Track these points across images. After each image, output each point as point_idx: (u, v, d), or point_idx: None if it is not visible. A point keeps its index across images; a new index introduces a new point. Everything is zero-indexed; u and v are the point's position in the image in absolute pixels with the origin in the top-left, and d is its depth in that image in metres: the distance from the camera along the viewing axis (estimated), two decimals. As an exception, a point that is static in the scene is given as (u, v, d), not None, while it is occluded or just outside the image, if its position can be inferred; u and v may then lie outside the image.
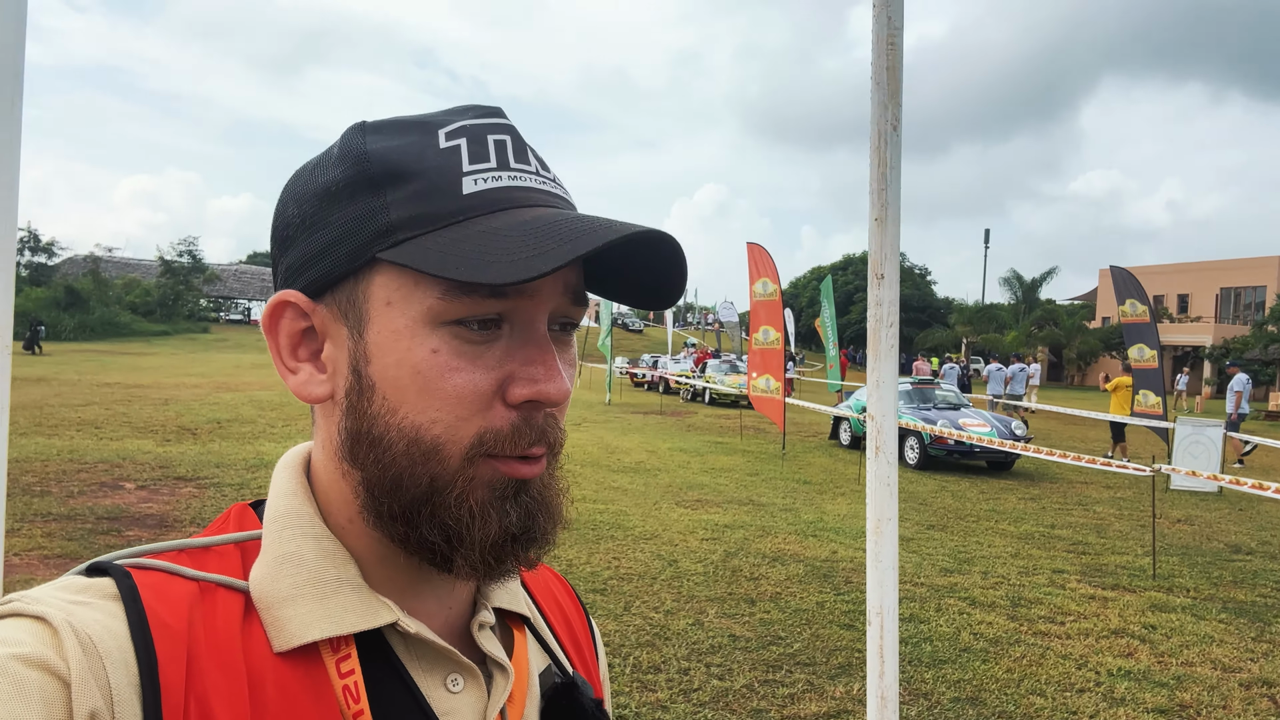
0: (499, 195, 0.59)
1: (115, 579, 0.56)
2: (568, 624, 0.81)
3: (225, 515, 0.67)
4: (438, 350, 0.58)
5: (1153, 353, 14.74)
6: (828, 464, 13.81)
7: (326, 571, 0.61)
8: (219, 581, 0.60)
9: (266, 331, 0.64)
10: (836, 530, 8.75)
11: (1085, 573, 7.56)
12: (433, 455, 0.59)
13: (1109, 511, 10.74)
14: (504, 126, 0.63)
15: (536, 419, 0.60)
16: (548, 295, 0.60)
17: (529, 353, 0.59)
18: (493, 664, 0.66)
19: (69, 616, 0.52)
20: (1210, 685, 5.01)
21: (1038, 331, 48.86)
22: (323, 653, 0.59)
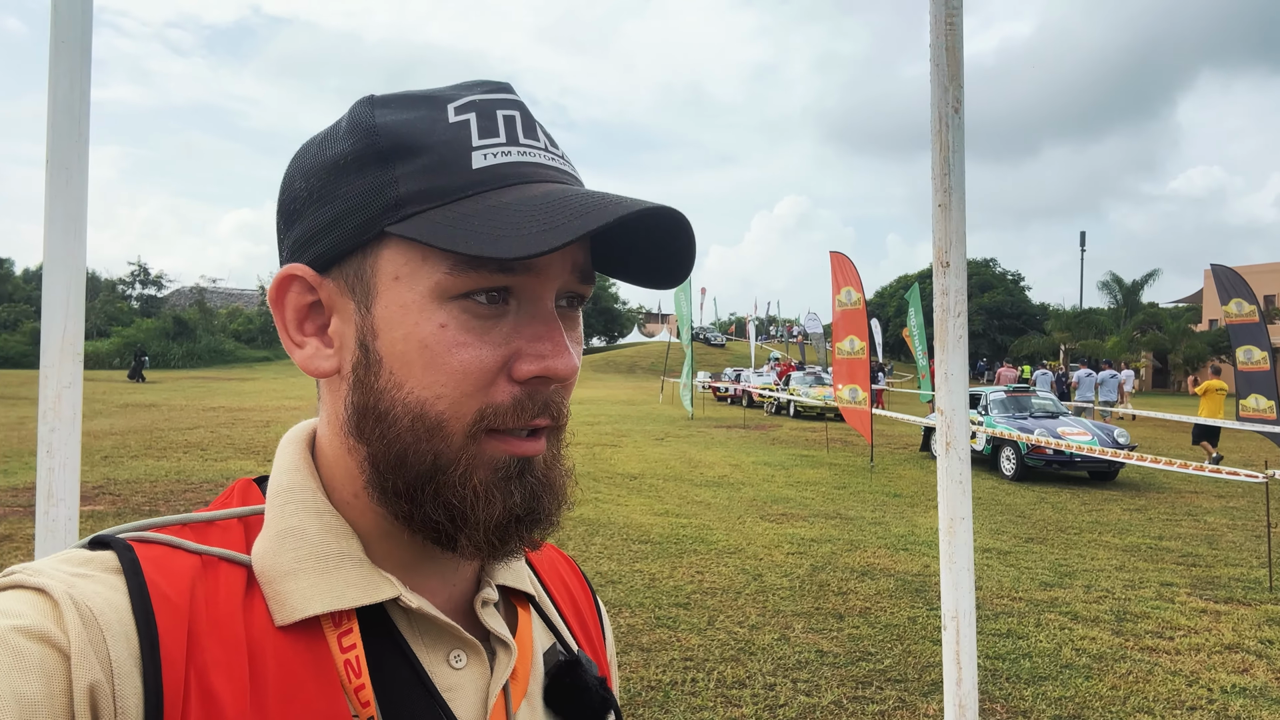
0: (508, 170, 0.59)
1: (117, 552, 0.57)
2: (574, 604, 0.81)
3: (229, 490, 0.67)
4: (445, 325, 0.58)
5: (1263, 354, 13.97)
6: (918, 476, 13.44)
7: (329, 546, 0.61)
8: (221, 555, 0.60)
9: (273, 304, 0.64)
10: (929, 544, 8.49)
11: (1196, 585, 7.15)
12: (437, 431, 0.59)
13: (1221, 521, 10.16)
14: (513, 102, 0.63)
15: (542, 393, 0.60)
16: (556, 271, 0.60)
17: (536, 329, 0.59)
18: (496, 641, 0.66)
19: (70, 589, 0.52)
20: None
21: (1140, 336, 46.84)
22: (324, 627, 0.59)
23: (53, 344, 1.22)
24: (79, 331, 1.23)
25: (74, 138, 1.22)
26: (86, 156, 1.24)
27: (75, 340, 1.23)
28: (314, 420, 0.68)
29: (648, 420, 21.85)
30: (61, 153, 1.22)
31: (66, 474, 1.21)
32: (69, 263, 1.22)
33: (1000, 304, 61.66)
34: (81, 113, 1.23)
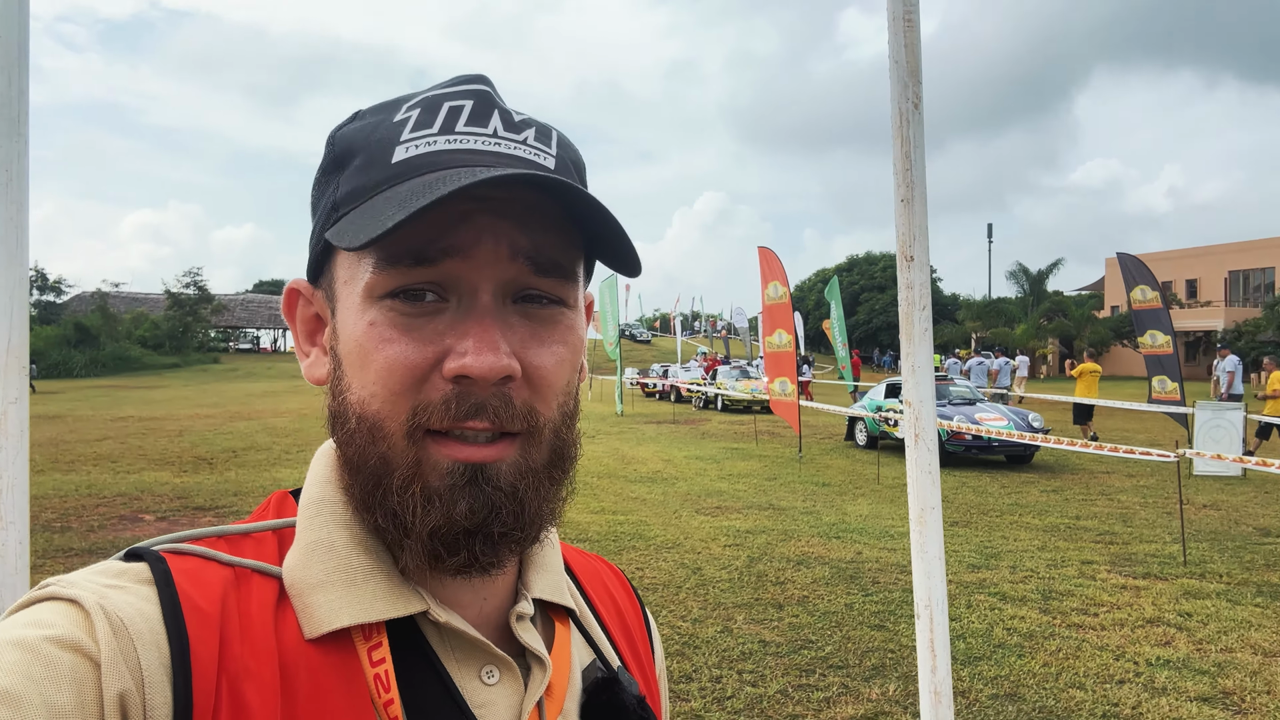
0: (424, 160, 0.58)
1: (150, 564, 0.57)
2: (620, 618, 0.78)
3: (266, 503, 0.67)
4: (374, 323, 0.58)
5: (1166, 338, 14.65)
6: (845, 465, 13.71)
7: (357, 559, 0.61)
8: (253, 567, 0.60)
9: (286, 318, 0.67)
10: (860, 531, 8.66)
11: (1115, 562, 7.46)
12: (378, 432, 0.58)
13: (1133, 500, 10.62)
14: (469, 92, 0.61)
15: (475, 394, 0.56)
16: (485, 258, 0.57)
17: (466, 325, 0.57)
18: (531, 656, 0.64)
19: (101, 599, 0.52)
20: (1252, 671, 4.91)
21: (1047, 324, 48.68)
22: (355, 640, 0.58)
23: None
24: (24, 343, 1.15)
25: (13, 138, 1.14)
26: (27, 158, 1.16)
27: (20, 352, 1.15)
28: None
29: (576, 418, 21.76)
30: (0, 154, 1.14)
31: (16, 495, 1.14)
32: (10, 270, 1.14)
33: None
34: (20, 112, 1.15)
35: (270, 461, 13.32)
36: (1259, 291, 48.11)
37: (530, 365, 0.59)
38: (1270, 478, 11.99)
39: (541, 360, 0.59)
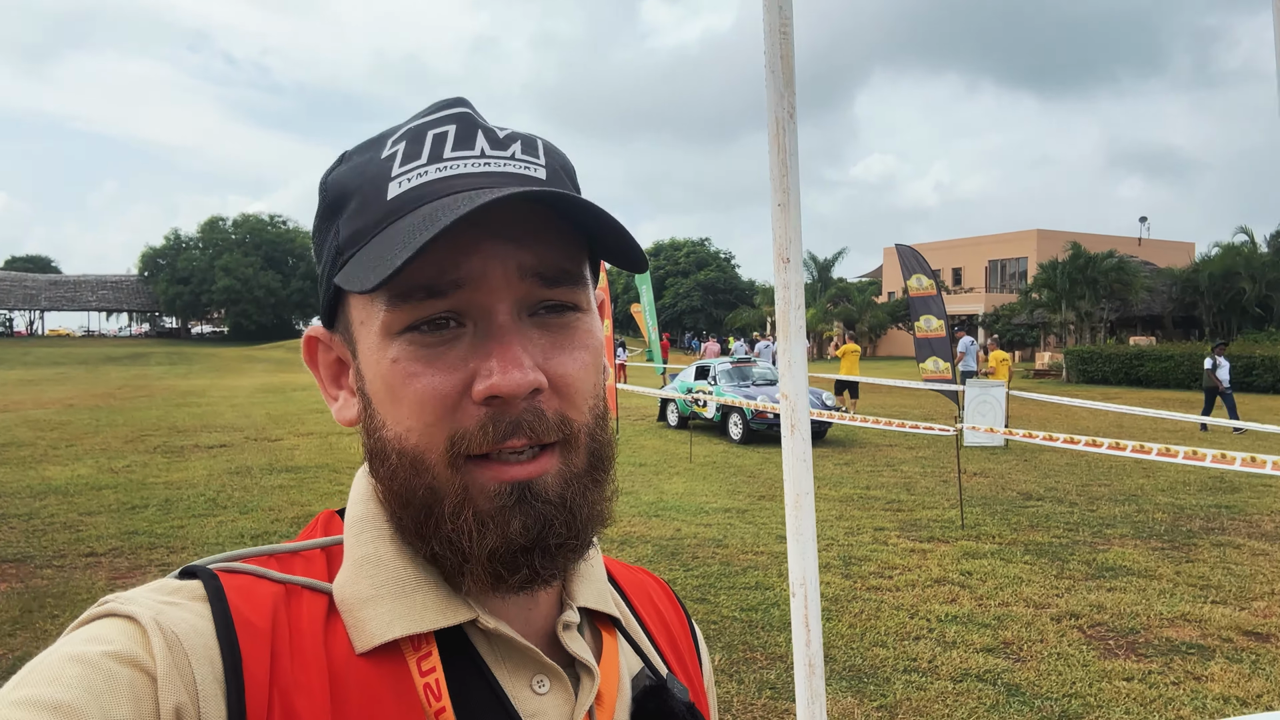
0: (420, 192, 0.58)
1: (203, 580, 0.59)
2: (666, 628, 0.79)
3: (314, 522, 0.70)
4: (397, 359, 0.58)
5: (940, 322, 16.00)
6: (660, 445, 14.11)
7: (404, 571, 0.62)
8: (303, 584, 0.61)
9: (308, 365, 0.69)
10: (677, 509, 8.97)
11: (903, 528, 8.15)
12: (420, 465, 0.59)
13: (915, 470, 11.61)
14: (451, 117, 0.62)
15: (508, 413, 0.57)
16: (496, 283, 0.58)
17: (488, 346, 0.58)
18: (580, 666, 0.65)
19: (157, 615, 0.54)
20: (1026, 622, 5.55)
21: (833, 308, 51.92)
22: (404, 651, 0.59)
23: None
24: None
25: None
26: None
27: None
28: None
29: (382, 404, 21.06)
30: None
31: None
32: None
33: (714, 280, 65.67)
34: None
35: (36, 459, 12.07)
36: (1014, 279, 53.54)
37: (556, 375, 0.60)
38: (1029, 447, 13.45)
39: (566, 368, 0.60)
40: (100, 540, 7.56)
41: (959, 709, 4.30)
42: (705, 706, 0.78)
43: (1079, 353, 32.13)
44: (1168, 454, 6.39)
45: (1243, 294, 36.90)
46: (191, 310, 67.52)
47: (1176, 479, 10.73)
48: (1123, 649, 5.12)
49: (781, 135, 1.63)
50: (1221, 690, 4.51)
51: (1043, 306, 40.81)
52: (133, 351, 48.68)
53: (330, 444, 13.96)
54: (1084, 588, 6.27)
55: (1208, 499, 9.50)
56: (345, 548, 0.64)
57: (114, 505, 9.05)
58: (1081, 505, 9.21)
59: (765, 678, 4.68)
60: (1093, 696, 4.45)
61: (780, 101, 1.62)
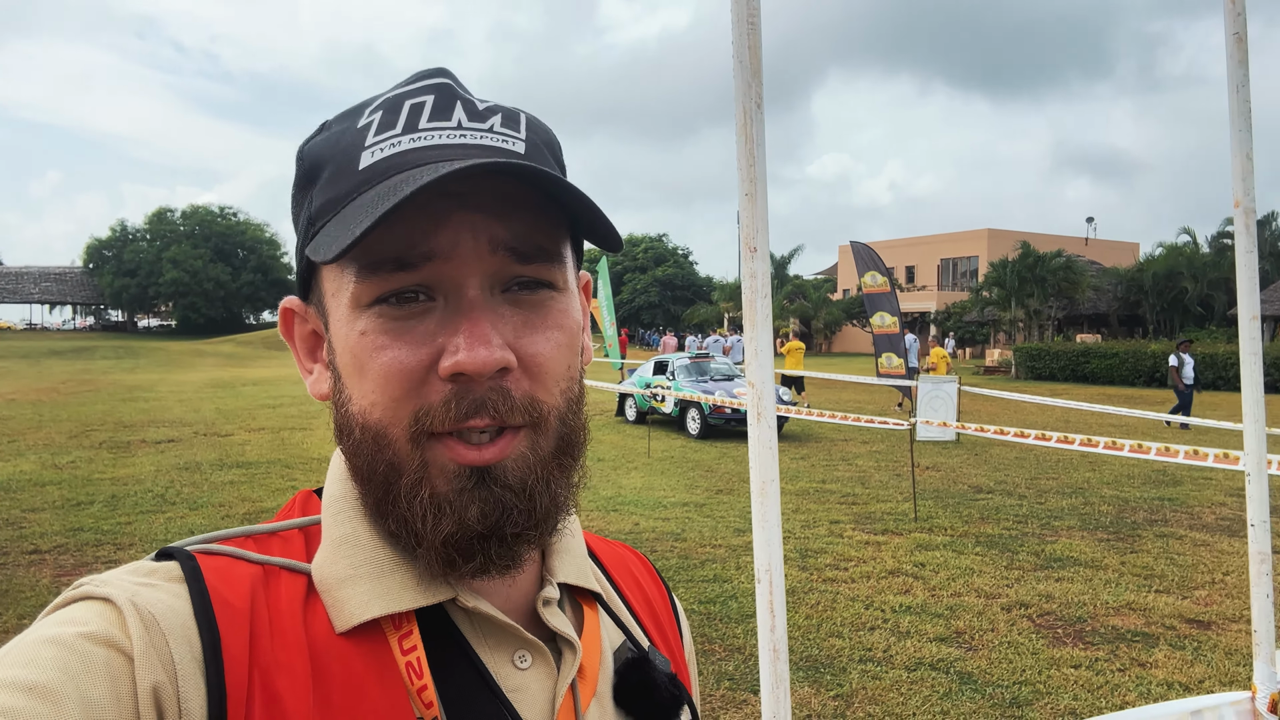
0: (391, 163, 0.57)
1: (180, 562, 0.58)
2: (647, 602, 0.79)
3: (291, 502, 0.68)
4: (365, 331, 0.58)
5: (893, 319, 16.25)
6: (617, 440, 14.11)
7: (383, 550, 0.61)
8: (282, 564, 0.61)
9: (285, 337, 0.68)
10: (635, 503, 8.98)
11: (858, 521, 8.26)
12: (383, 439, 0.58)
13: (869, 465, 11.76)
14: (430, 87, 0.61)
15: (475, 390, 0.56)
16: (466, 256, 0.57)
17: (456, 322, 0.57)
18: (562, 640, 0.65)
19: (133, 596, 0.54)
20: (978, 612, 5.65)
21: (789, 305, 52.36)
22: (385, 630, 0.59)
23: None
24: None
25: None
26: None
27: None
28: None
29: (336, 399, 20.81)
30: None
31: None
32: None
33: (672, 276, 65.85)
34: None
35: (-24, 454, 11.71)
36: (964, 277, 54.44)
37: (526, 354, 0.58)
38: (979, 441, 13.69)
39: (537, 348, 0.59)
40: (44, 537, 7.37)
41: (913, 697, 4.37)
42: (686, 677, 0.78)
43: (1028, 350, 32.79)
44: (1114, 447, 6.56)
45: (1185, 293, 37.96)
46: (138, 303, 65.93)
47: (1121, 472, 11.01)
48: (1070, 637, 5.24)
49: (749, 125, 1.65)
50: (1165, 676, 4.65)
51: (993, 304, 41.57)
52: (77, 345, 47.41)
53: (283, 439, 13.76)
54: (1033, 578, 6.40)
55: (1151, 492, 9.76)
56: (323, 527, 0.63)
57: (58, 502, 8.83)
58: (1030, 498, 9.41)
59: (724, 669, 4.72)
60: (1042, 684, 4.55)
61: (748, 92, 1.64)
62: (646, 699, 0.67)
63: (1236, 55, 2.33)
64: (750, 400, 1.72)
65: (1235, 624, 5.46)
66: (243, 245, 66.60)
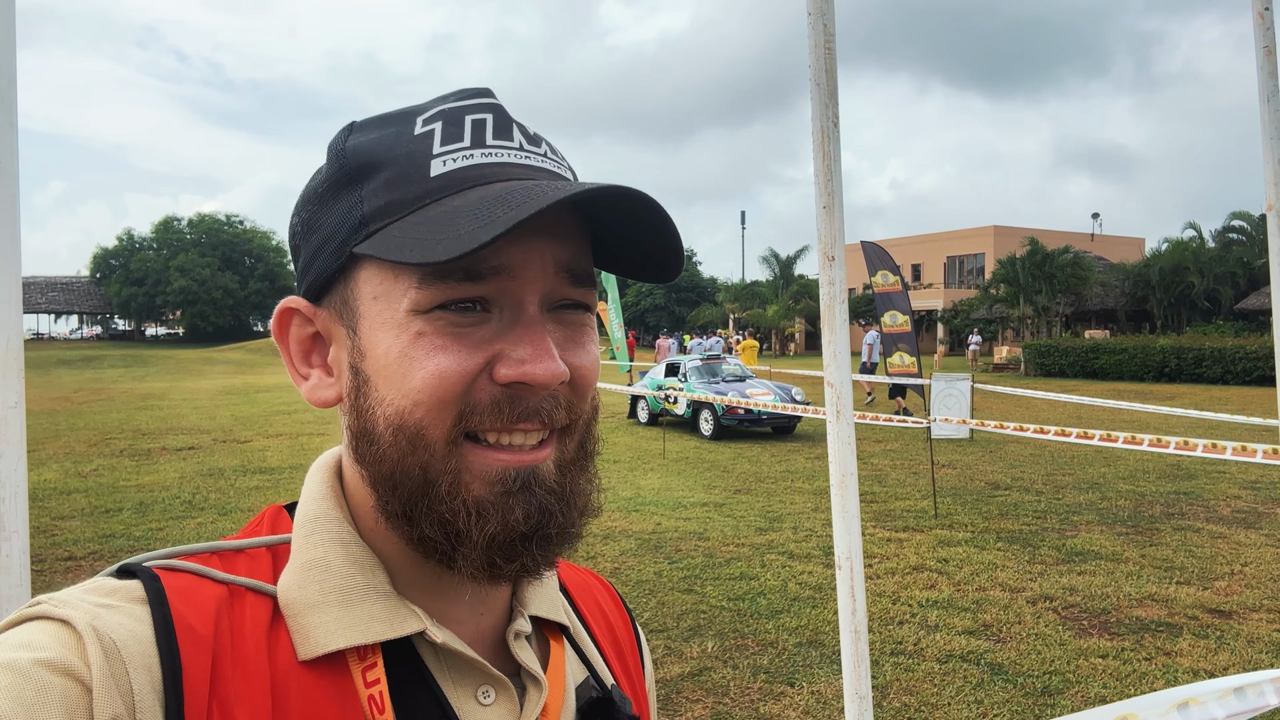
0: (468, 174, 0.58)
1: (143, 581, 0.56)
2: (611, 632, 0.79)
3: (260, 517, 0.67)
4: (423, 333, 0.57)
5: (905, 317, 16.31)
6: (631, 442, 14.22)
7: (353, 578, 0.60)
8: (248, 585, 0.59)
9: (277, 339, 0.65)
10: (655, 504, 9.09)
11: (878, 519, 8.35)
12: (418, 440, 0.57)
13: (885, 463, 11.85)
14: (487, 106, 0.62)
15: (525, 399, 0.57)
16: (533, 274, 0.58)
17: (518, 333, 0.57)
18: (526, 675, 0.64)
19: (93, 620, 0.52)
20: (1004, 605, 5.75)
21: (795, 305, 52.42)
22: (349, 661, 0.58)
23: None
24: (20, 345, 1.09)
25: (6, 130, 1.07)
26: (18, 152, 1.09)
27: (18, 355, 1.09)
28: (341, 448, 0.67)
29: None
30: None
31: (18, 503, 1.08)
32: (6, 269, 1.08)
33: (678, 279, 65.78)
34: (11, 103, 1.08)
35: None
36: (971, 275, 54.48)
37: (573, 367, 0.60)
38: (993, 438, 13.78)
39: (581, 361, 0.61)
40: (78, 544, 7.50)
41: (947, 688, 4.47)
42: (646, 712, 0.79)
43: (1037, 346, 32.83)
44: (1134, 442, 6.64)
45: (1191, 288, 37.96)
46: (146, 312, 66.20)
47: (1136, 467, 11.09)
48: (1096, 628, 5.34)
49: (826, 143, 1.76)
50: (1191, 664, 4.74)
51: (1001, 301, 41.59)
52: (86, 354, 47.66)
53: (301, 445, 13.88)
54: (1055, 572, 6.50)
55: (1167, 486, 9.84)
56: (293, 548, 0.62)
57: (86, 509, 8.96)
58: (1048, 494, 9.50)
59: (759, 663, 4.82)
60: (1071, 673, 4.65)
61: (825, 112, 1.75)
62: None
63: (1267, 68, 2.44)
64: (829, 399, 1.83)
65: (1256, 613, 5.55)
66: (250, 253, 66.88)
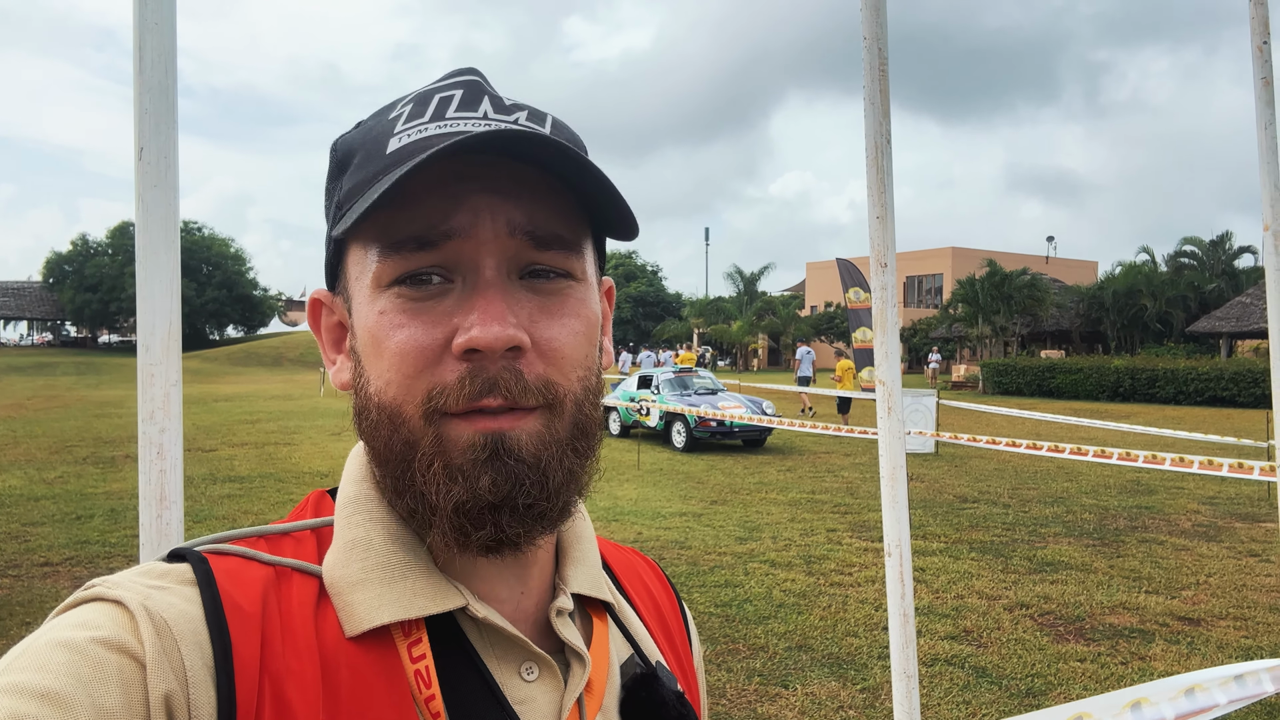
0: (417, 145, 0.58)
1: (192, 564, 0.58)
2: (658, 612, 0.79)
3: (304, 502, 0.69)
4: (384, 311, 0.58)
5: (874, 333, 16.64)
6: (605, 454, 13.46)
7: (395, 555, 0.61)
8: (294, 566, 0.61)
9: (312, 329, 0.69)
10: (634, 514, 9.17)
11: (854, 529, 8.51)
12: (398, 418, 0.58)
13: (855, 476, 12.05)
14: (460, 83, 0.62)
15: (486, 369, 0.56)
16: (485, 236, 0.57)
17: (472, 301, 0.57)
18: (570, 652, 0.64)
19: (145, 600, 0.53)
20: (982, 612, 5.92)
21: (758, 321, 52.89)
22: (395, 637, 0.59)
23: (156, 340, 1.14)
24: (179, 326, 1.17)
25: (169, 128, 1.15)
26: (177, 146, 1.17)
27: (176, 336, 1.16)
28: None
29: (316, 415, 20.75)
30: (153, 140, 1.14)
31: (175, 475, 1.15)
32: (168, 255, 1.15)
33: (644, 293, 66.17)
34: (171, 97, 1.16)
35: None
36: (930, 294, 55.44)
37: (542, 339, 0.59)
38: (957, 452, 14.07)
39: (553, 333, 0.59)
40: (53, 550, 7.39)
41: (935, 690, 4.61)
42: (695, 689, 0.79)
43: (995, 365, 33.50)
44: (1103, 455, 6.88)
45: (1145, 310, 39.02)
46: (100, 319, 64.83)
47: (1098, 482, 11.40)
48: (1072, 634, 5.52)
49: (880, 158, 1.88)
50: (1165, 668, 4.93)
51: (960, 320, 42.37)
52: (38, 361, 46.58)
53: (269, 454, 13.75)
54: (1029, 581, 6.69)
55: (1129, 500, 10.14)
56: (335, 529, 0.63)
57: (57, 515, 8.82)
58: (1015, 507, 9.74)
59: (751, 666, 4.92)
60: (1053, 676, 4.81)
61: (879, 129, 1.88)
62: (653, 716, 0.66)
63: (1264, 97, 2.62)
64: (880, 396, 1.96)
65: (1224, 620, 5.78)
66: (208, 260, 65.78)
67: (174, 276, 1.17)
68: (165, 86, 1.16)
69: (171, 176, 1.16)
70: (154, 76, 1.15)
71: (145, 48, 1.15)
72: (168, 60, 1.16)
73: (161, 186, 1.15)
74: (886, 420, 1.81)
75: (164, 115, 1.15)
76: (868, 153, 1.84)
